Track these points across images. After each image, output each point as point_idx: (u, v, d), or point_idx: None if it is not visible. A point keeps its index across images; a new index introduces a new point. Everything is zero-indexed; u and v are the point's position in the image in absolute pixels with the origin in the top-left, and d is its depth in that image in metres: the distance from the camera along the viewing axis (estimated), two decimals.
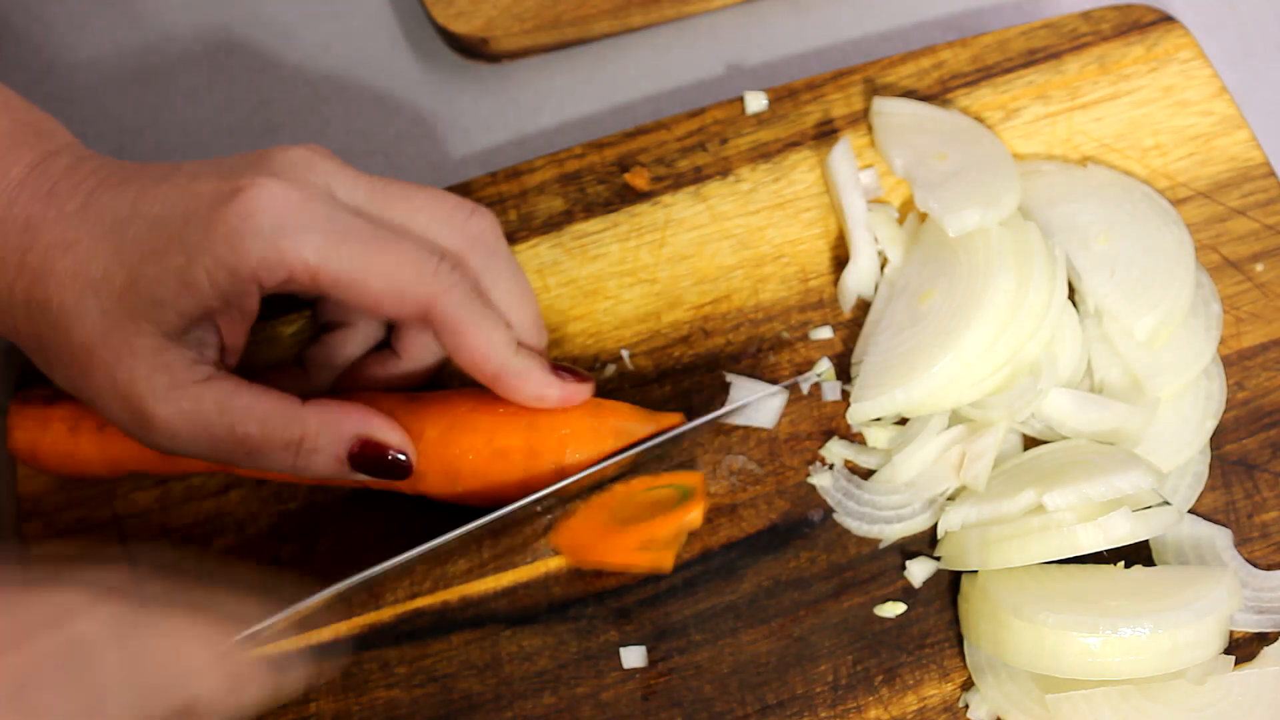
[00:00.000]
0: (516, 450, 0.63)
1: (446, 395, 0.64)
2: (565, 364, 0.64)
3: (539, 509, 0.64)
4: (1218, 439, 0.66)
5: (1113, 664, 0.58)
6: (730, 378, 0.69)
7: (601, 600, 0.65)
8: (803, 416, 0.68)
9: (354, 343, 0.66)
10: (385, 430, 0.61)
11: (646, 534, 0.62)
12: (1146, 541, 0.64)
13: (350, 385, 0.66)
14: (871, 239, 0.70)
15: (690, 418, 0.67)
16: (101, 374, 0.58)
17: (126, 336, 0.57)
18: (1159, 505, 0.62)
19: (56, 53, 0.85)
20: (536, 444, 0.63)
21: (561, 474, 0.63)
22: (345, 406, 0.60)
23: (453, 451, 0.62)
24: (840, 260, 0.71)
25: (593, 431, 0.63)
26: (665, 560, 0.63)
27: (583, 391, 0.63)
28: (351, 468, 0.60)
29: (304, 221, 0.56)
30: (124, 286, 0.56)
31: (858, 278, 0.70)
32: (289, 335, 0.71)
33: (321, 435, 0.59)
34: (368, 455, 0.60)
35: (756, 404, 0.68)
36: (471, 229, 0.61)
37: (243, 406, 0.58)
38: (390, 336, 0.67)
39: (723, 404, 0.68)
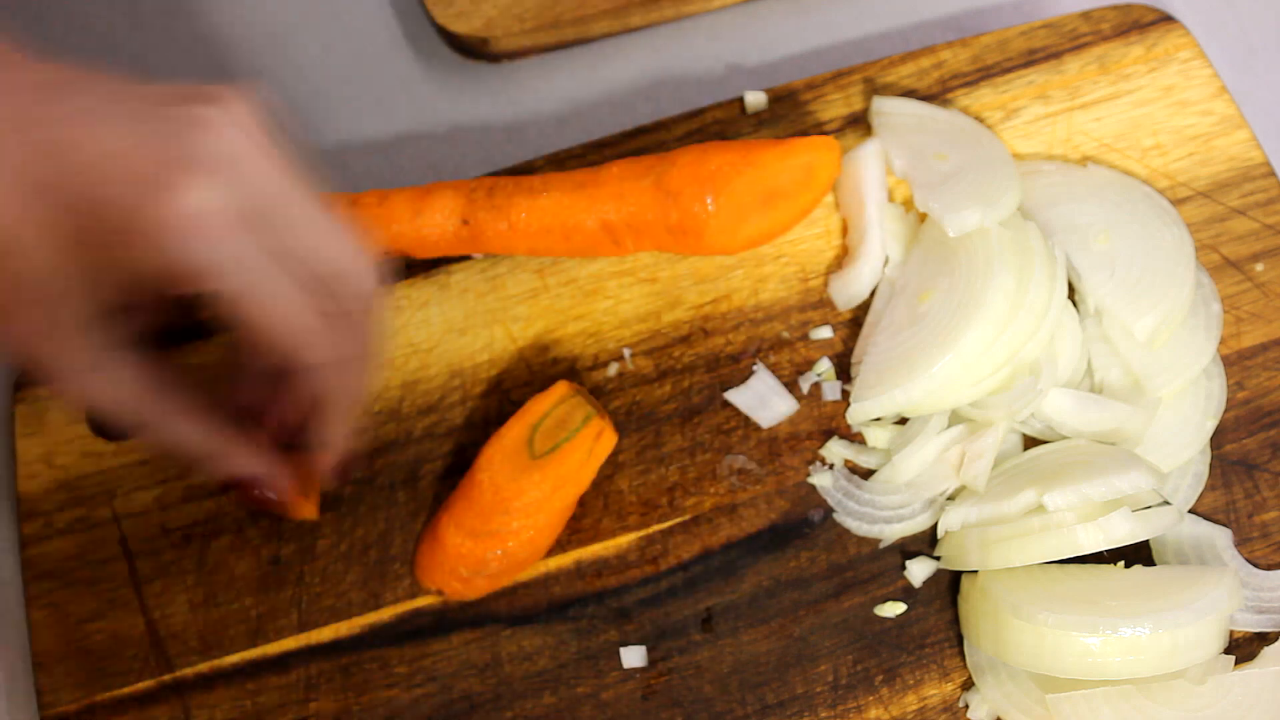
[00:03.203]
0: None
1: None
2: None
3: None
4: (1218, 439, 0.66)
5: (1113, 664, 0.58)
6: (756, 366, 0.69)
7: (601, 600, 0.65)
8: (803, 416, 0.68)
9: None
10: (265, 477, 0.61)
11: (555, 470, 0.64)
12: (1146, 541, 0.64)
13: None
14: (883, 240, 0.70)
15: (688, 419, 0.67)
16: (17, 343, 0.55)
17: (45, 314, 0.54)
18: (1159, 505, 0.62)
19: (56, 54, 0.85)
20: None
21: None
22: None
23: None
24: (841, 260, 0.72)
25: None
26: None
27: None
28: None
29: (227, 259, 0.52)
30: (45, 267, 0.53)
31: (864, 278, 0.70)
32: None
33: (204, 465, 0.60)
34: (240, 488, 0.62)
35: (762, 403, 0.68)
36: (349, 274, 0.57)
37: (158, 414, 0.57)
38: None
39: (723, 403, 0.68)
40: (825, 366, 0.69)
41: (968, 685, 0.62)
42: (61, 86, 0.54)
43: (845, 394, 0.68)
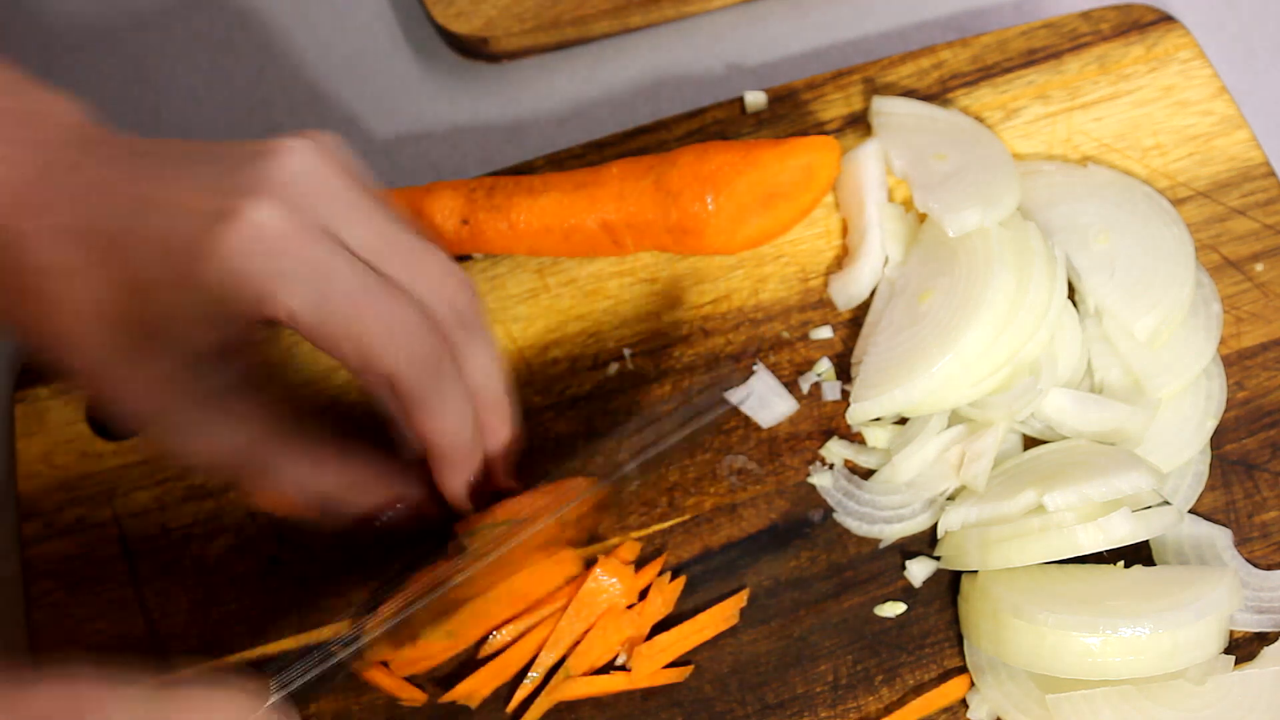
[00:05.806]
0: None
1: None
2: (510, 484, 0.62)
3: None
4: (1218, 439, 0.66)
5: (1113, 664, 0.58)
6: (756, 366, 0.69)
7: None
8: (803, 416, 0.68)
9: None
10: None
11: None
12: (1146, 541, 0.64)
13: None
14: (883, 240, 0.70)
15: (690, 422, 0.67)
16: (129, 399, 0.57)
17: (145, 365, 0.55)
18: (1159, 505, 0.62)
19: (55, 54, 0.85)
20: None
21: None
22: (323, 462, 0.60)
23: None
24: (841, 260, 0.72)
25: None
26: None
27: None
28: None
29: (295, 269, 0.52)
30: (138, 320, 0.54)
31: (864, 278, 0.70)
32: None
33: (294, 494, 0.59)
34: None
35: (764, 402, 0.68)
36: (458, 302, 0.57)
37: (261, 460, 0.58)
38: None
39: (722, 404, 0.68)
40: (825, 366, 0.69)
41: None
42: (145, 151, 0.56)
43: (845, 394, 0.68)
